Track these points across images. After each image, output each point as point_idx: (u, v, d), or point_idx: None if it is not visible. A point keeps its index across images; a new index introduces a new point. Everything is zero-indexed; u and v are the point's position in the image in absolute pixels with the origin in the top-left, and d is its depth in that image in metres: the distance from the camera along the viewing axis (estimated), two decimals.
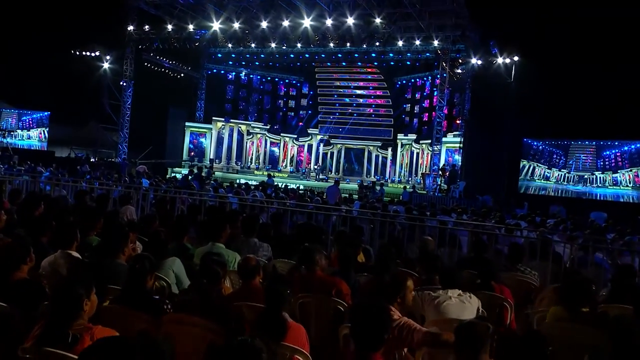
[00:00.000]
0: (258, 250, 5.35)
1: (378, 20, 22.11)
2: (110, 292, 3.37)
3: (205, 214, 6.94)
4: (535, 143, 22.32)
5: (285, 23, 23.45)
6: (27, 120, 28.21)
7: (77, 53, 26.41)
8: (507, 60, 21.73)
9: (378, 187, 20.37)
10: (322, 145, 32.87)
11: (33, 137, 28.02)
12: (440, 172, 22.98)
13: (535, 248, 7.05)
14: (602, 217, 16.47)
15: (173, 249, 4.86)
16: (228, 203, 7.94)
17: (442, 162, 24.79)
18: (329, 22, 22.78)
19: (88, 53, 26.56)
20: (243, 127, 31.66)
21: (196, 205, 7.37)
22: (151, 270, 3.30)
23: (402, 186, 27.97)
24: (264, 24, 23.84)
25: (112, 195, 8.83)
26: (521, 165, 22.16)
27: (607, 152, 20.28)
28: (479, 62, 22.29)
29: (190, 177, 17.50)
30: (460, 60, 23.82)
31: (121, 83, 26.84)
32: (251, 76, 34.11)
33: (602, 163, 20.22)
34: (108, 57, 26.92)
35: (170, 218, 5.94)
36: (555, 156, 21.48)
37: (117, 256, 3.90)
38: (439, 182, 23.41)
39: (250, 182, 21.38)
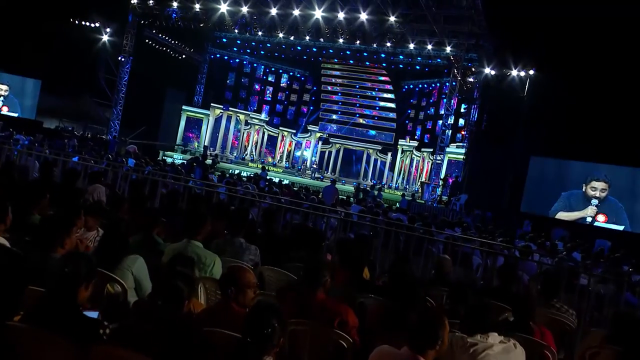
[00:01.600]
0: (244, 253, 4.42)
1: (392, 19, 21.22)
2: (32, 299, 2.43)
3: (188, 203, 5.99)
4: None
5: (296, 12, 22.51)
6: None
7: (77, 22, 25.34)
8: (522, 74, 20.92)
9: (376, 192, 19.47)
10: (320, 143, 31.96)
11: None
12: (441, 182, 22.15)
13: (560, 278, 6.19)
14: (607, 245, 15.70)
15: (138, 242, 3.93)
16: (215, 193, 6.98)
17: (444, 172, 23.98)
18: (341, 15, 21.88)
19: (88, 23, 25.51)
20: (242, 117, 30.69)
21: (178, 191, 6.40)
22: (88, 277, 2.35)
23: (399, 193, 27.15)
24: (274, 11, 22.87)
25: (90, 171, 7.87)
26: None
27: None
28: (493, 72, 21.45)
29: (194, 165, 16.33)
30: (473, 69, 22.97)
31: (119, 58, 25.74)
32: (255, 65, 33.12)
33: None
34: (108, 30, 25.85)
35: (145, 204, 4.98)
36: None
37: (53, 248, 2.95)
38: (439, 193, 22.57)
39: (243, 174, 20.43)
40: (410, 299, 3.32)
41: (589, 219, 19.60)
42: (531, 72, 20.74)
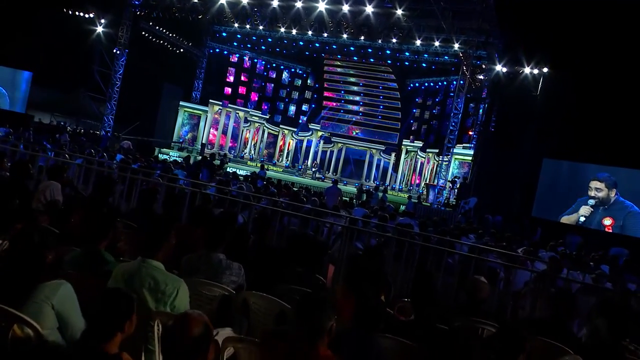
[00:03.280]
0: (223, 273, 3.41)
1: (399, 12, 20.21)
2: None
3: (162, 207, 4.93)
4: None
5: (298, 4, 21.50)
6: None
7: (70, 12, 24.34)
8: (535, 71, 19.88)
9: (380, 194, 18.45)
10: (322, 142, 30.94)
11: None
12: (450, 185, 21.13)
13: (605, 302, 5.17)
14: (624, 253, 14.70)
15: (76, 259, 2.92)
16: (199, 193, 5.89)
17: (450, 173, 22.94)
18: (345, 8, 20.87)
19: (82, 14, 24.49)
20: (241, 114, 29.67)
21: (154, 191, 5.29)
22: None
23: (403, 194, 26.18)
24: (275, 3, 21.85)
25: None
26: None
27: None
28: (504, 69, 20.42)
29: (201, 166, 15.05)
30: (483, 66, 21.94)
31: (114, 50, 24.74)
32: (255, 61, 32.09)
33: None
34: (103, 21, 24.84)
35: (102, 206, 3.96)
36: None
37: None
38: (445, 195, 21.55)
39: (240, 172, 19.43)
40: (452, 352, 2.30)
41: (582, 219, 18.65)
42: (545, 69, 19.71)
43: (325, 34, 24.07)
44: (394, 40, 22.98)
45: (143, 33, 25.73)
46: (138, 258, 2.80)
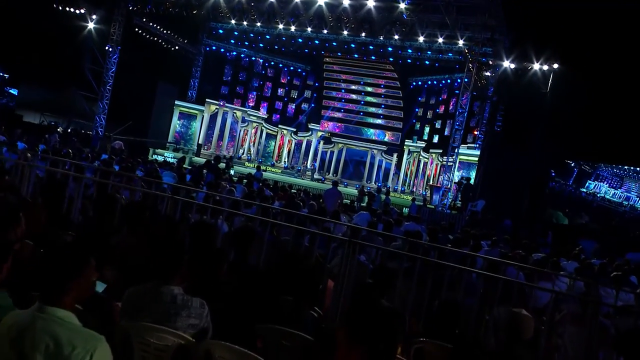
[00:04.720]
0: (177, 314, 2.47)
1: (402, 6, 19.28)
2: None
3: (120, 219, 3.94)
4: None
5: None
6: None
7: (60, 8, 23.43)
8: (545, 67, 18.95)
9: (383, 196, 17.52)
10: (322, 142, 30.02)
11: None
12: (457, 186, 20.23)
13: None
14: None
15: None
16: (170, 199, 4.92)
17: (455, 175, 22.00)
18: (346, 2, 19.97)
19: (72, 9, 23.58)
20: (238, 114, 28.74)
21: (114, 198, 4.26)
22: None
23: (405, 196, 25.28)
24: None
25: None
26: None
27: None
28: (512, 65, 19.50)
29: (205, 170, 14.00)
30: (490, 62, 20.99)
31: (106, 47, 23.84)
32: (253, 59, 31.17)
33: None
34: (94, 17, 23.94)
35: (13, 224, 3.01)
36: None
37: None
38: (450, 198, 20.63)
39: (232, 172, 18.51)
40: None
41: None
42: (555, 65, 18.78)
43: (325, 30, 23.18)
44: (396, 37, 22.06)
45: (136, 29, 24.82)
46: (35, 304, 1.86)
